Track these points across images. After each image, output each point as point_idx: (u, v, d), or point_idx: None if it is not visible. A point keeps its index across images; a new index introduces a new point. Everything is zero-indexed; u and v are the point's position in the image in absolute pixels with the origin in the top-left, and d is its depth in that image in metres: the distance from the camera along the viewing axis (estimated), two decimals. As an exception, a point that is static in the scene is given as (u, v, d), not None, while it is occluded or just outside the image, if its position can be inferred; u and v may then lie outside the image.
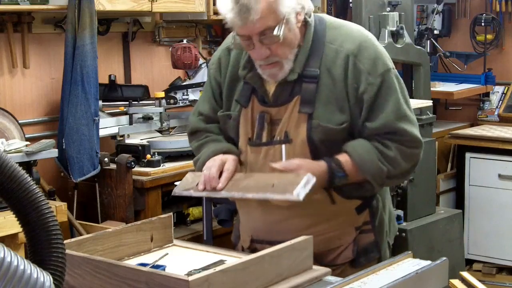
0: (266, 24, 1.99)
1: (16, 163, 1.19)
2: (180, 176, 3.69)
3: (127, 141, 3.89)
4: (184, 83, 4.20)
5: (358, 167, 2.08)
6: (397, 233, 2.50)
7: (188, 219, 3.98)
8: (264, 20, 1.98)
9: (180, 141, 3.90)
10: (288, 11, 2.00)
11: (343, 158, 2.09)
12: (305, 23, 2.11)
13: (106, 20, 4.14)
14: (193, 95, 4.11)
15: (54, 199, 3.46)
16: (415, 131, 2.13)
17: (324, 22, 2.15)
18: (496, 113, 5.37)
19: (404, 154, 2.11)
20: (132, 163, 3.58)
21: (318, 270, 1.90)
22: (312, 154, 2.09)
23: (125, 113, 4.01)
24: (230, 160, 2.12)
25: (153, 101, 4.02)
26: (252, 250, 2.19)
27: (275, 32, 2.00)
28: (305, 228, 2.10)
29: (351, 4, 4.79)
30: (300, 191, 1.91)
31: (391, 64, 2.14)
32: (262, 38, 2.01)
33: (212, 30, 4.82)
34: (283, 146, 2.11)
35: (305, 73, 2.09)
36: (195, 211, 3.98)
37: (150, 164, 3.71)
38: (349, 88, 2.07)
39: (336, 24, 2.17)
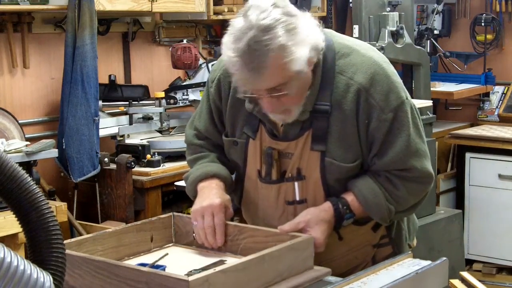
0: (276, 82, 1.84)
1: (16, 163, 1.19)
2: (180, 176, 3.70)
3: (127, 141, 3.89)
4: (184, 83, 4.20)
5: (364, 209, 2.02)
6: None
7: (188, 219, 3.98)
8: (274, 79, 1.83)
9: (180, 141, 3.90)
10: (300, 67, 1.84)
11: (349, 197, 2.02)
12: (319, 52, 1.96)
13: (106, 20, 4.14)
14: (193, 95, 4.11)
15: (54, 199, 3.47)
16: (426, 165, 2.03)
17: (333, 49, 1.98)
18: (496, 113, 5.37)
19: (412, 190, 2.04)
20: (132, 163, 3.58)
21: (318, 270, 1.89)
22: (326, 190, 2.03)
23: (125, 113, 4.01)
24: (217, 211, 2.03)
25: (153, 101, 4.02)
26: None
27: (287, 91, 1.86)
28: (320, 254, 2.03)
29: (351, 4, 4.78)
30: None
31: (404, 94, 2.00)
32: (271, 93, 1.87)
33: (212, 30, 4.82)
34: (296, 183, 2.04)
35: (316, 108, 1.97)
36: (195, 211, 3.97)
37: (150, 164, 3.71)
38: (360, 124, 1.97)
39: (346, 50, 1.99)
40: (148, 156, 3.73)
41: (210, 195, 2.07)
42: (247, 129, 2.08)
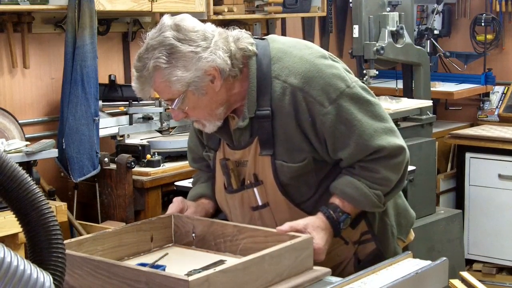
0: (165, 97, 2.01)
1: (16, 163, 1.19)
2: (180, 176, 3.71)
3: (127, 141, 3.89)
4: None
5: (353, 205, 2.05)
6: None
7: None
8: (161, 94, 2.01)
9: (180, 141, 3.90)
10: (183, 88, 1.95)
11: (336, 200, 2.05)
12: (247, 62, 2.03)
13: (106, 20, 4.14)
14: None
15: (54, 199, 3.47)
16: (393, 140, 2.03)
17: (269, 55, 2.04)
18: (496, 113, 5.38)
19: (390, 168, 2.04)
20: (132, 163, 3.58)
21: (318, 270, 1.89)
22: (283, 192, 2.07)
23: (125, 113, 4.01)
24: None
25: (153, 101, 4.02)
26: None
27: (173, 106, 1.99)
28: None
29: (351, 4, 4.79)
30: None
31: (343, 84, 2.01)
32: (169, 105, 2.02)
33: (212, 30, 4.81)
34: (255, 189, 2.09)
35: (257, 114, 2.02)
36: (195, 211, 3.97)
37: (150, 164, 3.71)
38: (303, 123, 2.00)
39: (280, 54, 2.04)
40: (148, 156, 3.73)
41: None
42: (211, 143, 2.18)
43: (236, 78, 2.01)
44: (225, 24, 4.85)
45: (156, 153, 3.77)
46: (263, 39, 2.11)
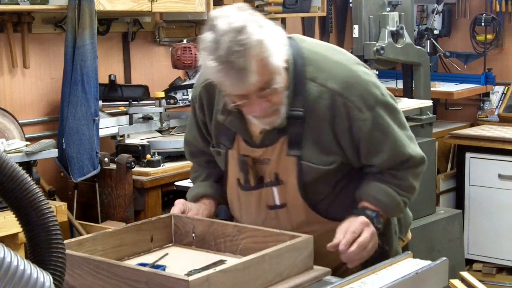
0: (262, 80, 1.87)
1: (16, 163, 1.19)
2: (180, 176, 3.71)
3: (127, 141, 3.89)
4: (184, 83, 4.20)
5: (382, 211, 2.07)
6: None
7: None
8: (260, 77, 1.86)
9: (180, 141, 3.89)
10: (280, 62, 1.89)
11: (366, 204, 2.06)
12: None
13: (106, 20, 4.14)
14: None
15: (54, 199, 3.47)
16: (417, 149, 2.10)
17: (302, 55, 2.01)
18: (496, 113, 5.37)
19: (415, 175, 2.11)
20: (132, 163, 3.58)
21: (318, 270, 1.90)
22: (302, 194, 2.07)
23: (125, 113, 4.01)
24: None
25: (153, 101, 4.02)
26: None
27: (274, 86, 1.90)
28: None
29: (351, 4, 4.79)
30: None
31: (379, 91, 2.03)
32: (261, 93, 1.90)
33: (212, 30, 4.81)
34: (275, 188, 2.08)
35: (290, 114, 2.00)
36: (195, 211, 3.97)
37: (150, 164, 3.71)
38: (338, 127, 2.00)
39: (314, 56, 2.02)
40: (148, 156, 3.73)
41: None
42: (224, 139, 2.14)
43: None
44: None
45: (156, 153, 3.77)
46: (289, 37, 2.07)
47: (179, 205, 2.19)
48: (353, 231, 1.98)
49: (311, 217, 2.08)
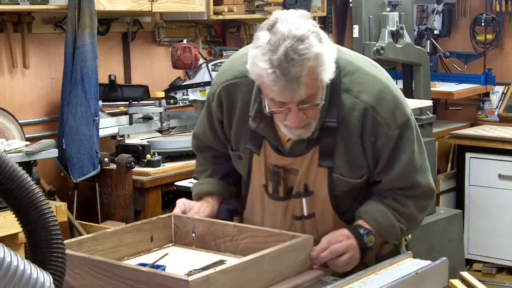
0: (309, 92, 1.85)
1: (16, 163, 1.19)
2: (180, 176, 3.71)
3: (127, 141, 3.89)
4: (184, 83, 4.20)
5: (378, 233, 2.04)
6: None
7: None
8: (309, 91, 1.84)
9: (180, 141, 3.90)
10: (328, 78, 1.87)
11: (361, 222, 2.04)
12: None
13: (106, 20, 4.14)
14: (193, 95, 4.11)
15: (54, 199, 3.47)
16: (429, 180, 2.07)
17: (339, 66, 1.97)
18: (496, 113, 5.37)
19: (419, 207, 2.08)
20: (132, 163, 3.58)
21: (318, 270, 1.90)
22: (334, 205, 2.05)
23: (125, 113, 4.01)
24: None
25: (153, 101, 4.02)
26: None
27: (317, 101, 1.88)
28: None
29: (351, 4, 4.79)
30: None
31: (409, 111, 2.02)
32: (302, 105, 1.87)
33: (212, 30, 4.82)
34: (304, 199, 2.06)
35: (324, 124, 1.97)
36: (195, 211, 3.97)
37: (150, 164, 3.71)
38: (365, 141, 1.98)
39: (351, 67, 2.00)
40: (148, 156, 3.73)
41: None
42: (251, 145, 2.09)
43: None
44: (225, 24, 4.86)
45: (156, 153, 3.77)
46: None
47: (179, 205, 2.18)
48: (328, 241, 1.95)
49: (338, 225, 2.06)
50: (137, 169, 3.65)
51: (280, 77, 1.78)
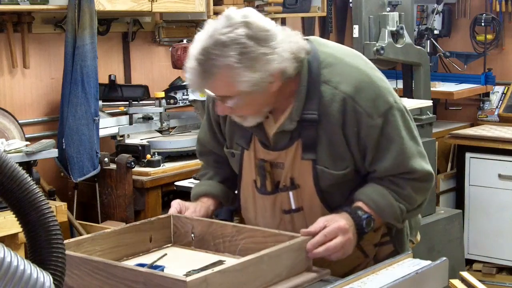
0: (221, 93, 1.93)
1: (16, 163, 1.19)
2: (180, 176, 3.71)
3: (127, 141, 3.89)
4: (184, 83, 4.20)
5: (377, 213, 2.02)
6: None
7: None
8: (218, 90, 1.92)
9: (180, 141, 3.91)
10: (247, 89, 1.88)
11: (360, 204, 2.03)
12: (300, 64, 1.98)
13: (106, 20, 4.14)
14: (193, 95, 4.11)
15: (54, 199, 3.47)
16: (425, 165, 2.05)
17: (318, 58, 2.00)
18: (496, 113, 5.37)
19: (417, 188, 2.06)
20: (132, 163, 3.58)
21: (317, 270, 1.89)
22: (320, 197, 2.05)
23: (125, 113, 4.01)
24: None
25: (153, 101, 4.02)
26: None
27: (228, 104, 1.93)
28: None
29: (351, 4, 4.79)
30: None
31: (392, 99, 2.01)
32: (220, 99, 1.96)
33: (212, 30, 4.81)
34: (291, 193, 2.07)
35: (304, 117, 1.99)
36: (195, 211, 3.97)
37: (150, 164, 3.71)
38: (348, 132, 1.98)
39: (331, 59, 2.01)
40: (148, 156, 3.73)
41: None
42: (241, 140, 2.13)
43: (290, 79, 1.97)
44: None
45: (156, 153, 3.77)
46: (307, 39, 2.06)
47: (175, 205, 2.19)
48: (324, 235, 1.91)
49: None
50: (137, 169, 3.65)
51: (195, 69, 1.89)
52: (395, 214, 2.04)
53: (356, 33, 4.10)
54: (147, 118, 4.04)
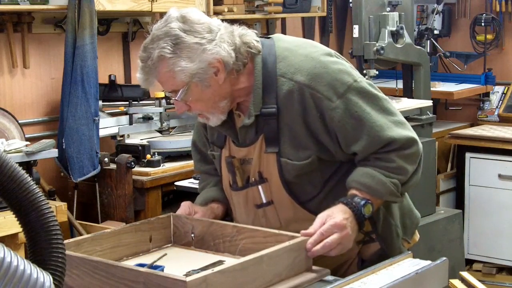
0: (168, 88, 2.01)
1: (16, 163, 1.19)
2: (180, 176, 3.71)
3: (127, 141, 3.89)
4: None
5: (372, 195, 2.03)
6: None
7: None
8: (165, 85, 2.01)
9: (180, 141, 3.90)
10: (187, 78, 1.96)
11: (354, 191, 2.03)
12: (253, 59, 2.05)
13: (106, 20, 4.14)
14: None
15: (54, 199, 3.47)
16: (403, 131, 2.04)
17: (274, 52, 2.06)
18: (496, 113, 5.37)
19: (404, 157, 2.04)
20: (132, 163, 3.58)
21: (317, 270, 1.89)
22: (287, 189, 2.08)
23: (125, 113, 4.01)
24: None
25: (153, 101, 4.02)
26: None
27: (177, 97, 1.99)
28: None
29: (351, 4, 4.79)
30: None
31: (351, 78, 2.03)
32: (173, 96, 2.02)
33: (212, 30, 4.81)
34: (260, 187, 2.10)
35: (263, 111, 2.03)
36: (195, 211, 3.97)
37: (150, 164, 3.71)
38: (311, 120, 2.01)
39: (286, 52, 2.06)
40: (148, 156, 3.73)
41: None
42: (217, 140, 2.18)
43: (240, 73, 2.02)
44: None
45: (156, 153, 3.77)
46: (269, 37, 2.12)
47: (185, 207, 2.20)
48: (321, 233, 1.92)
49: (299, 213, 2.08)
50: (137, 169, 3.65)
51: (139, 67, 2.00)
52: (390, 190, 2.04)
53: (356, 33, 4.10)
54: (147, 118, 4.04)
